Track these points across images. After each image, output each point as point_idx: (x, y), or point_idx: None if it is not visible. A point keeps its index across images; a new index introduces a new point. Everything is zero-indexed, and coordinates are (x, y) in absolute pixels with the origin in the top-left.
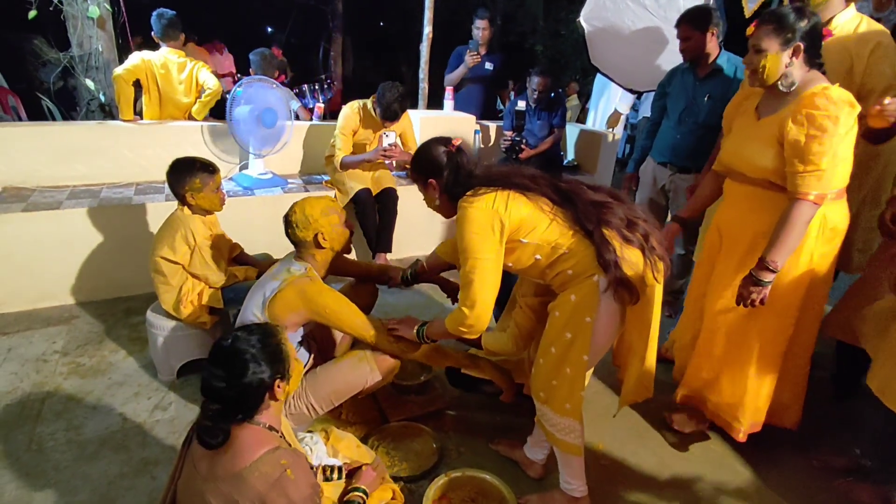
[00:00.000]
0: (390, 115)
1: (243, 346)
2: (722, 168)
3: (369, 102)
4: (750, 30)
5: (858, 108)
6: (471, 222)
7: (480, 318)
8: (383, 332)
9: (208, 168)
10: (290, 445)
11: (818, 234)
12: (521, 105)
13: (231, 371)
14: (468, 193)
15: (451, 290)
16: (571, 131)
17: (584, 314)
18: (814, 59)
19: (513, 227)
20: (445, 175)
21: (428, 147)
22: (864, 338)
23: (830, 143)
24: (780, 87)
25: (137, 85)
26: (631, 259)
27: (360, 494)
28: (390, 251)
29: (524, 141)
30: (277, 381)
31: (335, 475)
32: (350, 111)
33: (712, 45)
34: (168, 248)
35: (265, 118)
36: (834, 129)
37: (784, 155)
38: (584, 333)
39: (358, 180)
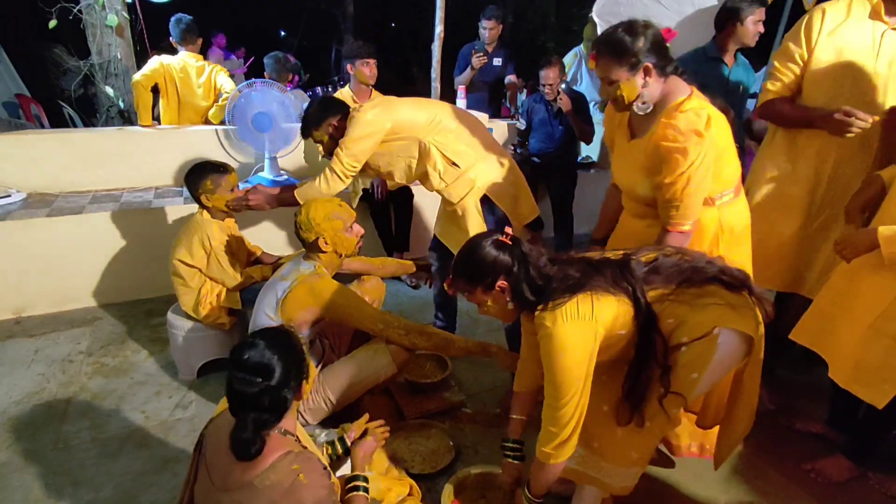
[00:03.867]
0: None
1: (276, 351)
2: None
3: None
4: (591, 63)
5: (706, 136)
6: (565, 348)
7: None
8: (393, 325)
9: (219, 168)
10: (304, 448)
11: (720, 241)
12: (522, 124)
13: (267, 377)
14: (545, 306)
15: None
16: None
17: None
18: (666, 69)
19: (607, 329)
20: (516, 272)
21: (475, 247)
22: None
23: (683, 177)
24: (637, 110)
25: (155, 90)
26: (740, 304)
27: (362, 483)
28: (408, 250)
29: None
30: (303, 382)
31: (339, 447)
32: None
33: None
34: (186, 251)
35: (257, 122)
36: (683, 160)
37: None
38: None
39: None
